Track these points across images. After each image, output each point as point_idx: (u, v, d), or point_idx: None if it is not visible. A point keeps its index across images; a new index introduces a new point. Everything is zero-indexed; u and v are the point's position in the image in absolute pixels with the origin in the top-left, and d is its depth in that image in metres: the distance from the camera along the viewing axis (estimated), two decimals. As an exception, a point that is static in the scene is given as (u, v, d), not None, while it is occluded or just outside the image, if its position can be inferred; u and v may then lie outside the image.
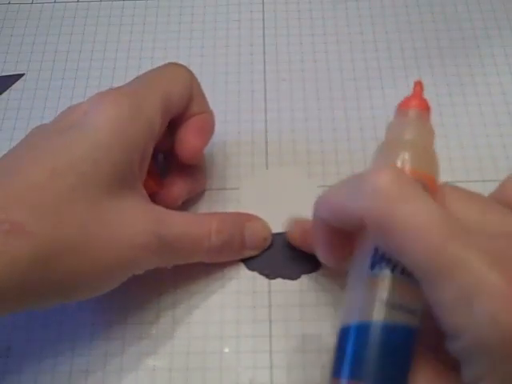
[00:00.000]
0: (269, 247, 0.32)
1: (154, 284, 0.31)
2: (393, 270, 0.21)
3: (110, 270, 0.26)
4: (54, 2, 0.44)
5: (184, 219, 0.29)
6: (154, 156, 0.31)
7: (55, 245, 0.24)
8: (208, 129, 0.31)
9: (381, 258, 0.21)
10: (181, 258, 0.29)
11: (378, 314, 0.21)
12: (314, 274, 0.31)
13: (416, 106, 0.24)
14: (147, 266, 0.28)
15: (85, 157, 0.25)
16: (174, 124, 0.31)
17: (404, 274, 0.21)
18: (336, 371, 0.22)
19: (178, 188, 0.31)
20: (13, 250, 0.23)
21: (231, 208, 0.33)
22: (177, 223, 0.28)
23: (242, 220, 0.31)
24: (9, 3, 0.44)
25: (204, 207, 0.34)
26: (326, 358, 0.29)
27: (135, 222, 0.26)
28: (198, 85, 0.31)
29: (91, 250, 0.25)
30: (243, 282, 0.31)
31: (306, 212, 0.33)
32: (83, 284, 0.26)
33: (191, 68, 0.31)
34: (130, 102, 0.27)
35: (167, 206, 0.29)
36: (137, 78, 0.30)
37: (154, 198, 0.30)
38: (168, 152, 0.32)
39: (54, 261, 0.24)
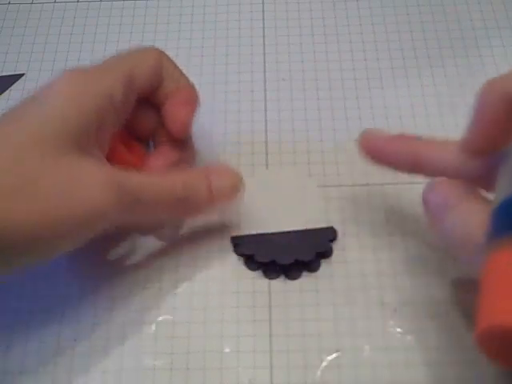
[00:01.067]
0: (266, 246, 0.32)
1: (154, 284, 0.31)
2: None
3: (63, 222, 0.25)
4: (54, 2, 0.44)
5: (146, 174, 0.29)
6: (139, 138, 0.32)
7: (13, 195, 0.24)
8: (193, 99, 0.32)
9: None
10: (145, 212, 0.29)
11: None
12: (313, 274, 0.31)
13: None
14: (104, 220, 0.27)
15: (33, 119, 0.26)
16: (154, 104, 0.31)
17: None
18: (500, 223, 0.21)
19: (165, 156, 0.32)
20: None
21: (231, 208, 0.33)
22: (137, 175, 0.28)
23: (208, 172, 0.30)
24: (9, 3, 0.44)
25: (204, 207, 0.34)
26: (326, 358, 0.29)
27: (92, 175, 0.26)
28: (171, 61, 0.32)
29: (41, 200, 0.25)
30: (243, 281, 0.31)
31: (306, 212, 0.33)
32: (38, 237, 0.25)
33: (191, 68, 0.31)
34: (87, 76, 0.28)
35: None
36: (104, 58, 0.31)
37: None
38: (156, 135, 0.32)
39: (12, 212, 0.24)
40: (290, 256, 0.31)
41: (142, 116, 0.32)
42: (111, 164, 0.28)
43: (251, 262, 0.32)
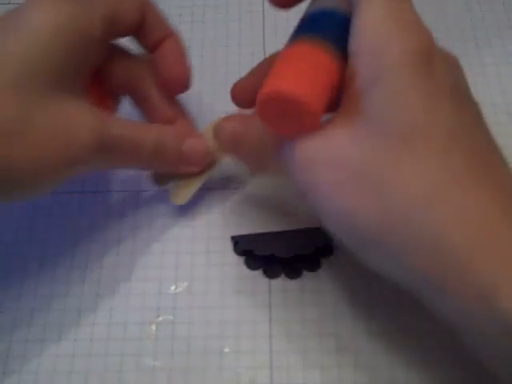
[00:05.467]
0: (266, 242, 0.32)
1: (153, 283, 0.31)
2: None
3: (46, 164, 0.25)
4: (54, 2, 0.44)
5: (126, 123, 0.29)
6: (105, 85, 0.31)
7: None
8: (183, 49, 0.32)
9: None
10: (119, 161, 0.29)
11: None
12: (314, 274, 0.31)
13: None
14: (85, 164, 0.27)
15: (23, 55, 0.25)
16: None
17: None
18: (295, 33, 0.25)
19: (161, 112, 0.32)
20: None
21: (232, 207, 0.33)
22: (119, 125, 0.28)
23: (182, 135, 0.31)
24: (9, 3, 0.44)
25: (204, 207, 0.34)
26: (326, 359, 0.29)
27: (78, 119, 0.26)
28: (154, 7, 0.31)
29: (28, 140, 0.25)
30: (243, 282, 0.31)
31: (307, 212, 0.33)
32: (21, 175, 0.25)
33: (191, 68, 0.31)
34: (68, 10, 0.27)
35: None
36: None
37: None
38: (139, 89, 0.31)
39: None
40: (289, 250, 0.31)
41: (121, 66, 0.31)
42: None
43: (251, 260, 0.32)
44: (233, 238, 0.32)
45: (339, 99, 0.24)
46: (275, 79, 0.24)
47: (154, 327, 0.30)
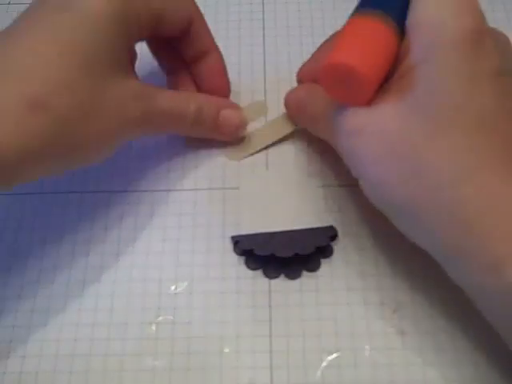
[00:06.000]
0: (266, 242, 0.32)
1: (153, 283, 0.31)
2: None
3: (106, 134, 0.29)
4: (54, 2, 0.43)
5: (169, 95, 0.32)
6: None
7: (71, 114, 0.27)
8: (225, 67, 0.36)
9: None
10: (163, 129, 0.33)
11: None
12: (313, 274, 0.31)
13: None
14: (134, 133, 0.31)
15: (88, 40, 0.28)
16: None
17: None
18: (358, 6, 0.27)
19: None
20: (35, 125, 0.25)
21: (232, 207, 0.33)
22: (163, 97, 0.31)
23: (219, 105, 0.34)
24: (9, 3, 0.44)
25: (204, 206, 0.34)
26: (326, 358, 0.29)
27: (129, 96, 0.29)
28: (202, 18, 0.33)
29: (96, 118, 0.28)
30: (243, 282, 0.31)
31: (306, 212, 0.33)
32: (89, 148, 0.29)
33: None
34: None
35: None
36: None
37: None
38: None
39: (69, 127, 0.27)
40: (289, 250, 0.31)
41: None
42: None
43: (251, 260, 0.32)
44: (233, 237, 0.32)
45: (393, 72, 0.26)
46: (337, 51, 0.26)
47: (153, 327, 0.30)
